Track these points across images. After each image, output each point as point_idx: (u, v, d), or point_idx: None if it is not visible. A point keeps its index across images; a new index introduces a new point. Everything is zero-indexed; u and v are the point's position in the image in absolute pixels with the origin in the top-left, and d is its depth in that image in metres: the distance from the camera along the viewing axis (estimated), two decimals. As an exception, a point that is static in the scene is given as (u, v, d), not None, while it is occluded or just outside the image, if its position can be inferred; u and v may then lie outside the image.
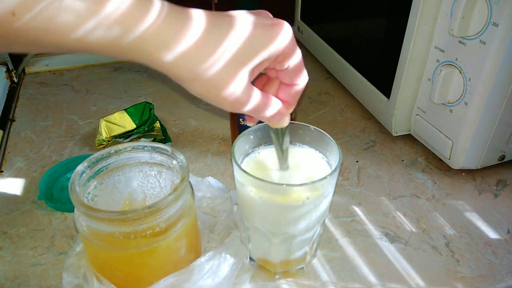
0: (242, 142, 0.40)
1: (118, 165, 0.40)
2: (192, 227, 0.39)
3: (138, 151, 0.39)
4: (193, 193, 0.39)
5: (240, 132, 0.44)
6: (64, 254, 0.45)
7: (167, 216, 0.35)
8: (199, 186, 0.47)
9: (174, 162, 0.38)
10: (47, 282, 0.42)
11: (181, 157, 0.38)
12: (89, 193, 0.38)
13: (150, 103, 0.61)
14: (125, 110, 0.60)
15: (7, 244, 0.46)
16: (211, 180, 0.48)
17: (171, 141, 0.61)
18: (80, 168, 0.37)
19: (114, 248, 0.35)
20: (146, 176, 0.41)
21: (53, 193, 0.52)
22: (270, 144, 0.43)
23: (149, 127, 0.60)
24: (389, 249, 0.46)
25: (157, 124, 0.61)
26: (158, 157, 0.40)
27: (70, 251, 0.41)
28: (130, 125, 0.59)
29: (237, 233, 0.44)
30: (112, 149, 0.39)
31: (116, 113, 0.60)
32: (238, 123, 0.53)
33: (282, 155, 0.39)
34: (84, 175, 0.37)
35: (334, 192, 0.39)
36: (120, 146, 0.39)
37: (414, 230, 0.48)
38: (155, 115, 0.62)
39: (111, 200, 0.41)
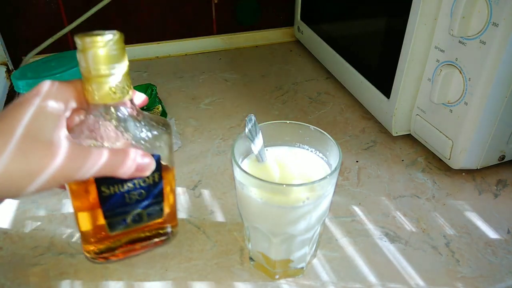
0: (242, 142, 0.40)
1: None
2: None
3: None
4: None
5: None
6: (64, 254, 0.45)
7: None
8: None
9: None
10: (47, 282, 0.42)
11: None
12: None
13: (153, 85, 0.65)
14: None
15: (7, 244, 0.46)
16: None
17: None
18: None
19: None
20: None
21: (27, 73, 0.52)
22: (271, 145, 0.43)
23: (148, 106, 0.63)
24: (389, 249, 0.46)
25: (159, 108, 0.64)
26: None
27: None
28: None
29: None
30: None
31: None
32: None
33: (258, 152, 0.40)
34: None
35: (334, 192, 0.39)
36: None
37: (414, 230, 0.48)
38: (158, 98, 0.65)
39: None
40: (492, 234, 0.47)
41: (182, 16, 0.85)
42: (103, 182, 0.35)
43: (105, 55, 0.31)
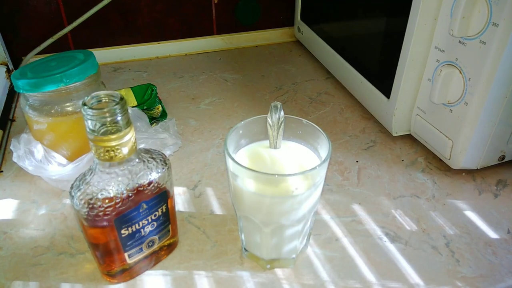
0: (235, 135, 0.41)
1: None
2: None
3: None
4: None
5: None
6: (64, 254, 0.45)
7: None
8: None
9: None
10: (47, 282, 0.42)
11: None
12: None
13: (153, 85, 0.66)
14: (131, 87, 0.66)
15: (7, 244, 0.46)
16: None
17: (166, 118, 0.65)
18: None
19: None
20: None
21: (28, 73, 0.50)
22: (263, 139, 0.43)
23: (148, 106, 0.64)
24: (389, 249, 0.46)
25: (159, 108, 0.65)
26: None
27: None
28: (132, 102, 0.64)
29: None
30: None
31: (123, 89, 0.66)
32: None
33: (277, 133, 0.40)
34: None
35: (334, 191, 0.39)
36: None
37: (414, 230, 0.48)
38: (158, 98, 0.66)
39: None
40: (492, 234, 0.47)
41: (182, 16, 0.85)
42: (122, 225, 0.38)
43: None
